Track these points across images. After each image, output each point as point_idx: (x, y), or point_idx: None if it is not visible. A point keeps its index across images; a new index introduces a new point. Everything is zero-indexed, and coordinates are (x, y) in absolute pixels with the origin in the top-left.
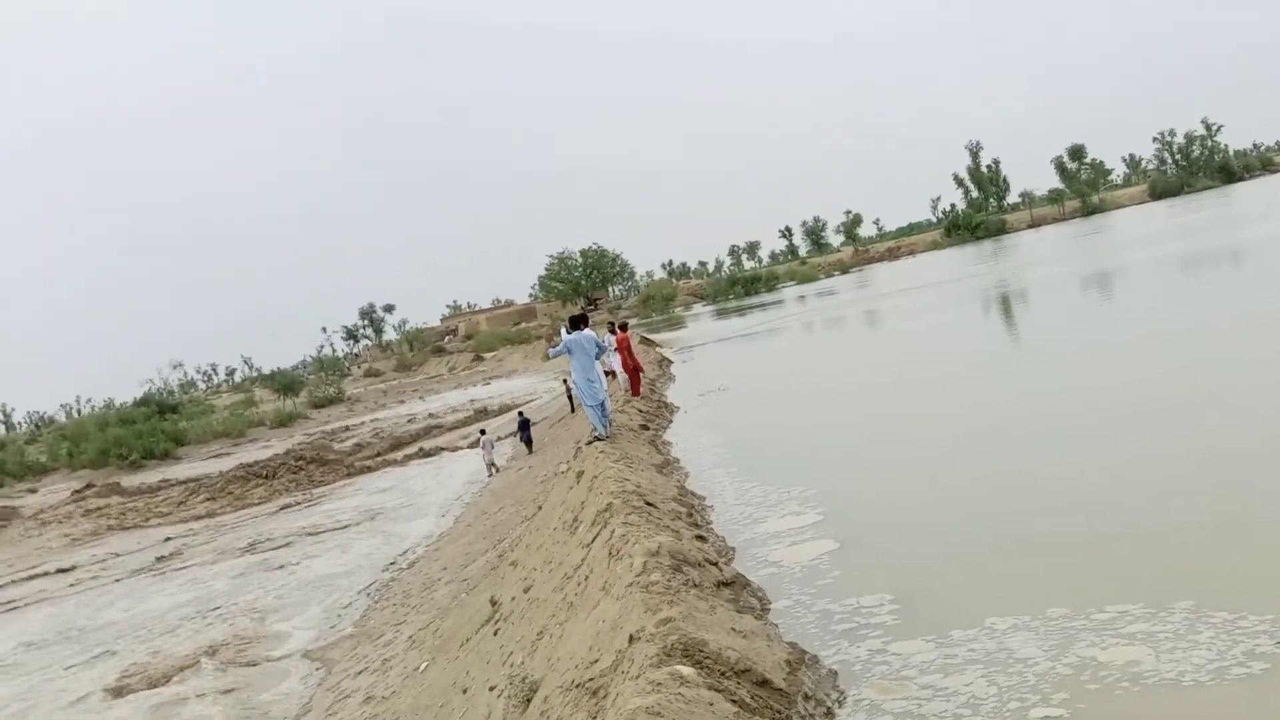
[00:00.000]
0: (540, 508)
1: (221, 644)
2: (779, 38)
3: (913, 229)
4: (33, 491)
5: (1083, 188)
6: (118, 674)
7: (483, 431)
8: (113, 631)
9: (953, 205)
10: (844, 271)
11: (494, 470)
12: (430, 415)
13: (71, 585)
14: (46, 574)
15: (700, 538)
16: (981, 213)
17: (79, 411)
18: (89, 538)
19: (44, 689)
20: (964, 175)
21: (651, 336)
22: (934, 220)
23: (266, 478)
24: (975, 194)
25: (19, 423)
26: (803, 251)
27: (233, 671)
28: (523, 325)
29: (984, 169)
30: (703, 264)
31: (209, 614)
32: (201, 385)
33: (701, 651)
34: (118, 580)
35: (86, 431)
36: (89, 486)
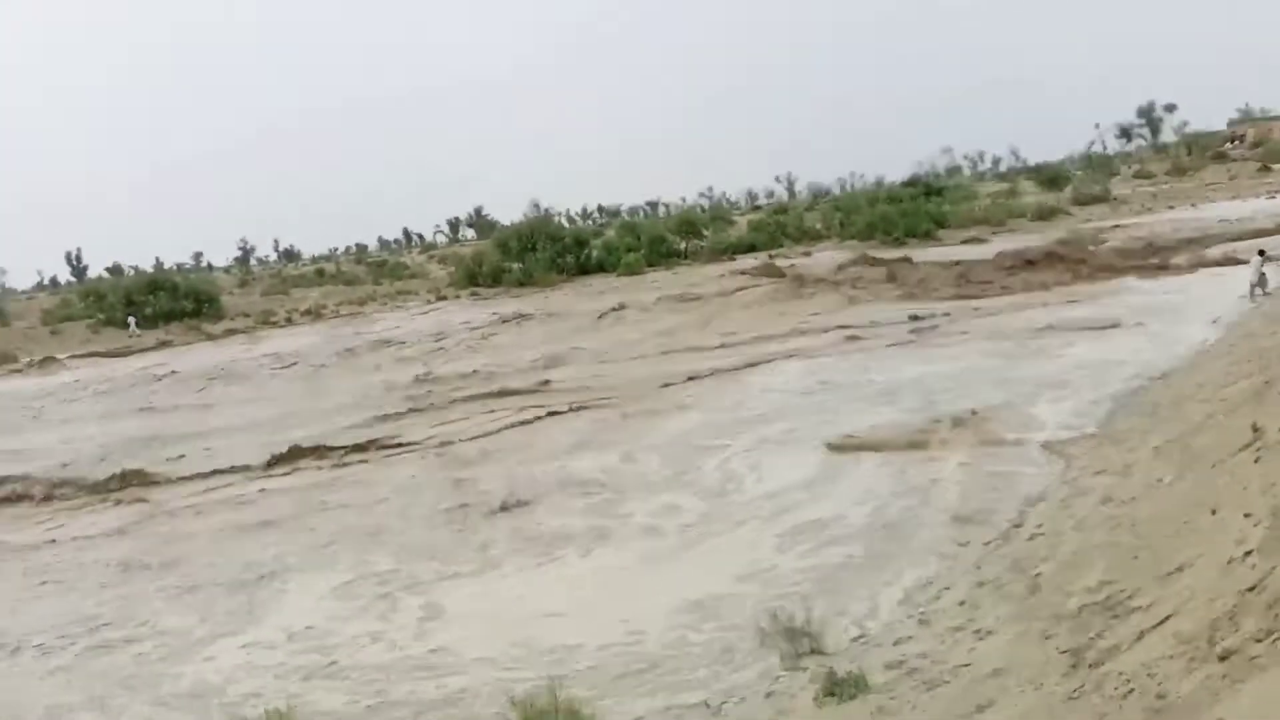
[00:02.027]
0: None
1: (966, 419)
2: None
3: None
4: (807, 255)
5: None
6: (865, 429)
7: (1261, 252)
8: (868, 390)
9: None
10: None
11: (1258, 294)
12: (1202, 225)
13: (848, 346)
14: (806, 332)
15: None
16: None
17: (852, 186)
18: (851, 305)
19: (793, 434)
20: None
21: None
22: None
23: (1028, 267)
24: None
25: (799, 191)
26: None
27: (975, 448)
28: None
29: None
30: None
31: (958, 389)
32: (967, 171)
33: None
34: (878, 347)
35: (858, 205)
36: (864, 258)
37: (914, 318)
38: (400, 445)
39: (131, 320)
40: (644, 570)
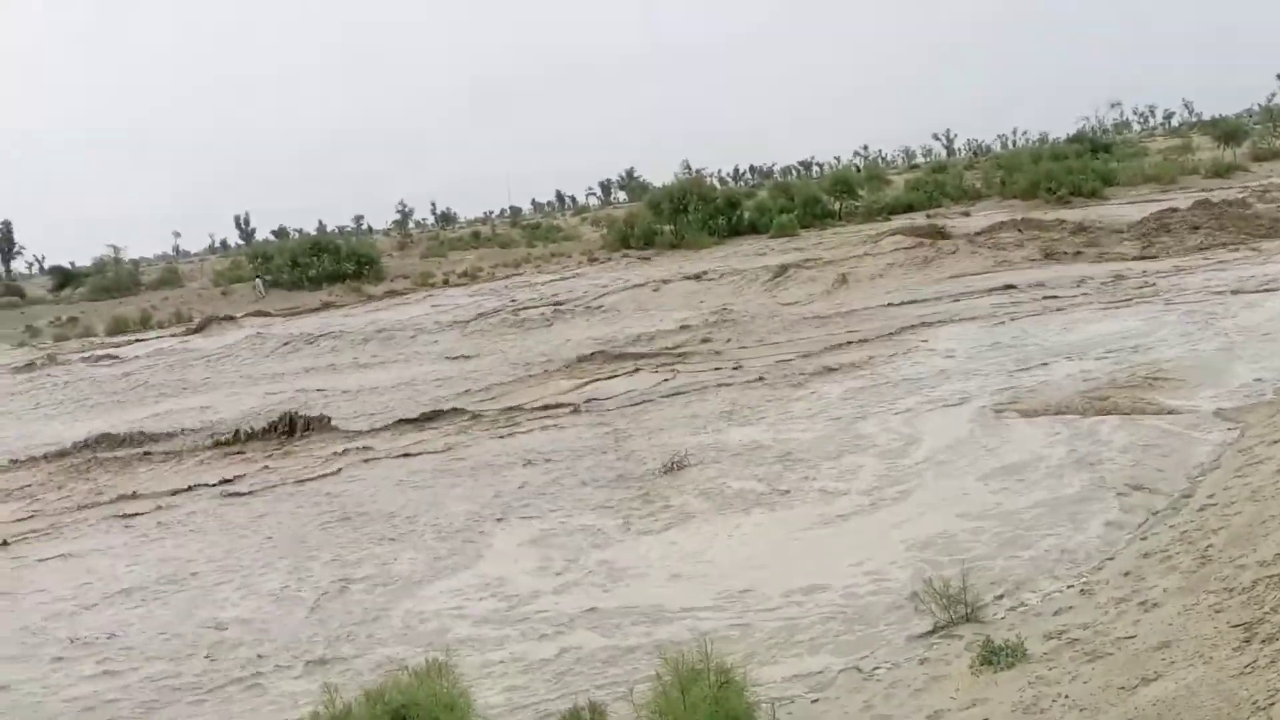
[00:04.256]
0: None
1: (1135, 383)
2: None
3: None
4: (966, 215)
5: None
6: (1031, 391)
7: None
8: (1036, 352)
9: None
10: None
11: None
12: None
13: (998, 306)
14: (967, 294)
15: None
16: None
17: (1014, 144)
18: (1014, 265)
19: (956, 397)
20: None
21: None
22: None
23: (1204, 225)
24: None
25: (959, 149)
26: None
27: (1144, 413)
28: None
29: None
30: None
31: (1126, 353)
32: (1136, 127)
33: None
34: (1044, 308)
35: (1020, 163)
36: (1023, 220)
37: (1080, 282)
38: (553, 407)
39: (259, 281)
40: (853, 520)
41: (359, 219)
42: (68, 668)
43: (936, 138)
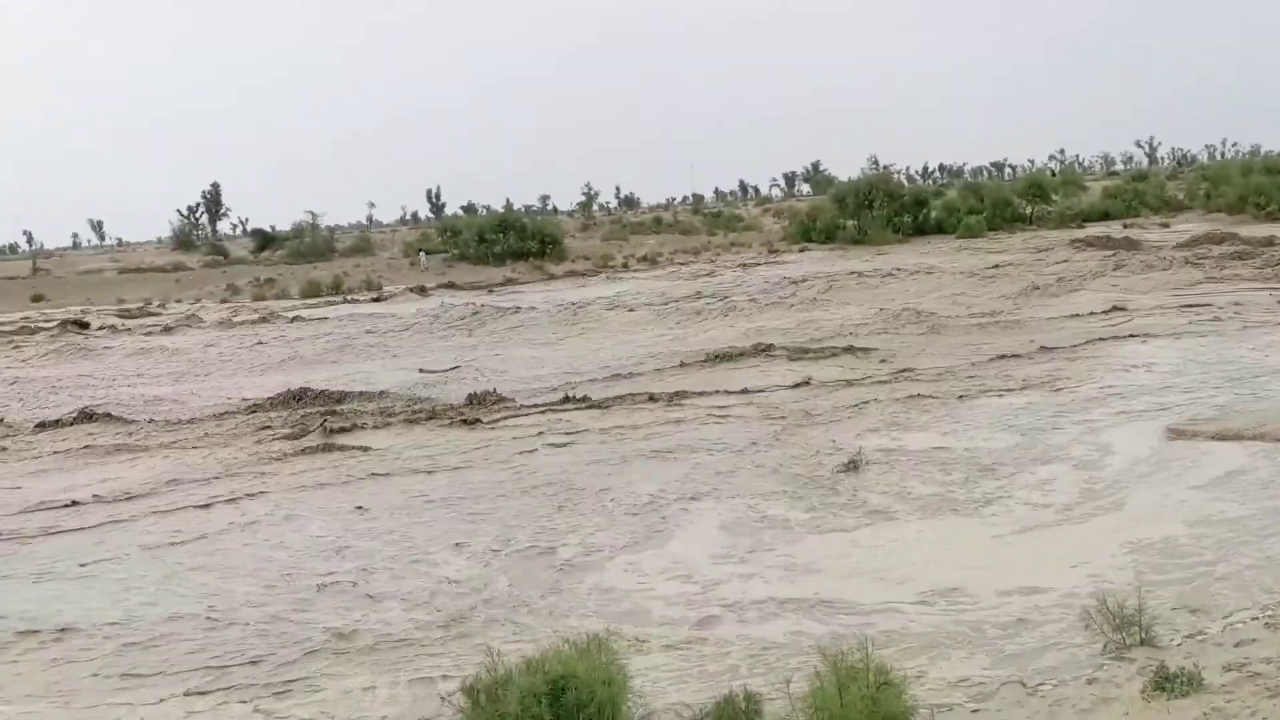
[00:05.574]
0: None
1: None
2: None
3: None
4: (1165, 226)
5: None
6: (1219, 413)
7: None
8: (1228, 373)
9: None
10: None
11: None
12: None
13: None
14: (1161, 308)
15: None
16: None
17: (1222, 154)
18: (1212, 283)
19: (1139, 416)
20: None
21: None
22: None
23: None
24: None
25: (1162, 158)
26: None
27: None
28: None
29: None
30: None
31: None
32: None
33: None
34: (1244, 328)
35: (1228, 175)
36: (1227, 234)
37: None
38: (725, 396)
39: (422, 254)
40: (1062, 527)
41: (544, 199)
42: (327, 604)
43: (1139, 145)
